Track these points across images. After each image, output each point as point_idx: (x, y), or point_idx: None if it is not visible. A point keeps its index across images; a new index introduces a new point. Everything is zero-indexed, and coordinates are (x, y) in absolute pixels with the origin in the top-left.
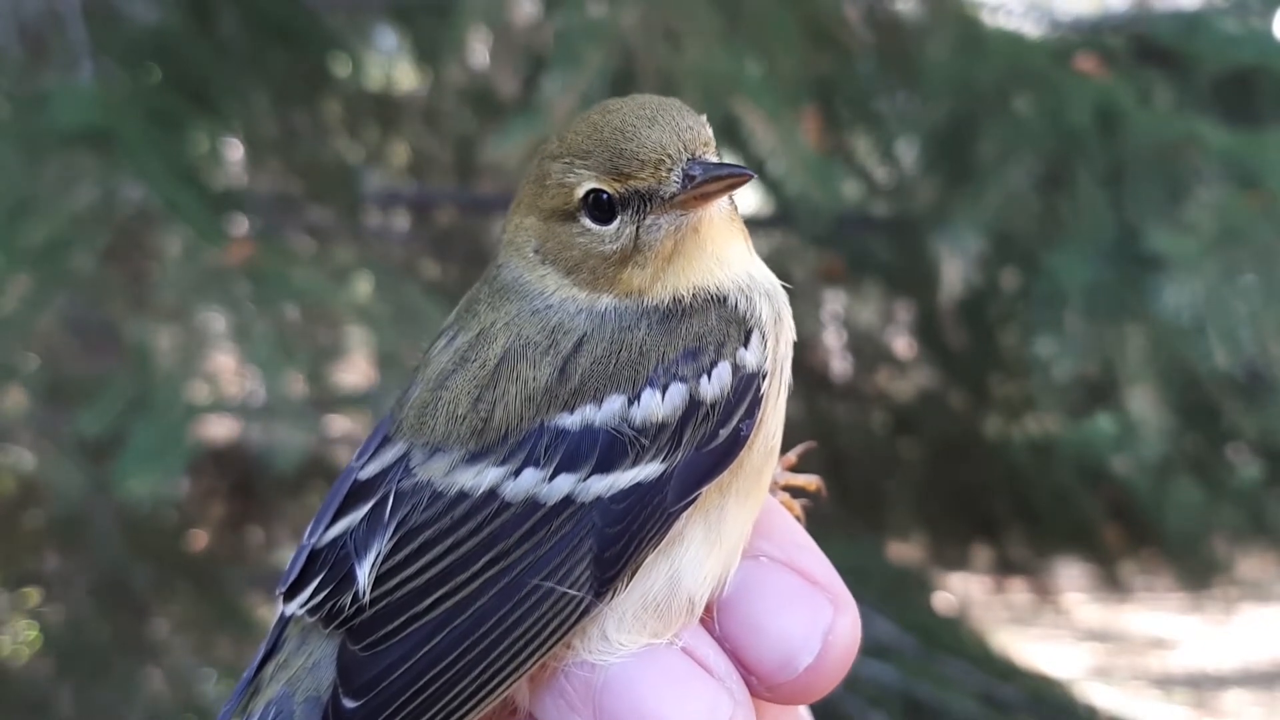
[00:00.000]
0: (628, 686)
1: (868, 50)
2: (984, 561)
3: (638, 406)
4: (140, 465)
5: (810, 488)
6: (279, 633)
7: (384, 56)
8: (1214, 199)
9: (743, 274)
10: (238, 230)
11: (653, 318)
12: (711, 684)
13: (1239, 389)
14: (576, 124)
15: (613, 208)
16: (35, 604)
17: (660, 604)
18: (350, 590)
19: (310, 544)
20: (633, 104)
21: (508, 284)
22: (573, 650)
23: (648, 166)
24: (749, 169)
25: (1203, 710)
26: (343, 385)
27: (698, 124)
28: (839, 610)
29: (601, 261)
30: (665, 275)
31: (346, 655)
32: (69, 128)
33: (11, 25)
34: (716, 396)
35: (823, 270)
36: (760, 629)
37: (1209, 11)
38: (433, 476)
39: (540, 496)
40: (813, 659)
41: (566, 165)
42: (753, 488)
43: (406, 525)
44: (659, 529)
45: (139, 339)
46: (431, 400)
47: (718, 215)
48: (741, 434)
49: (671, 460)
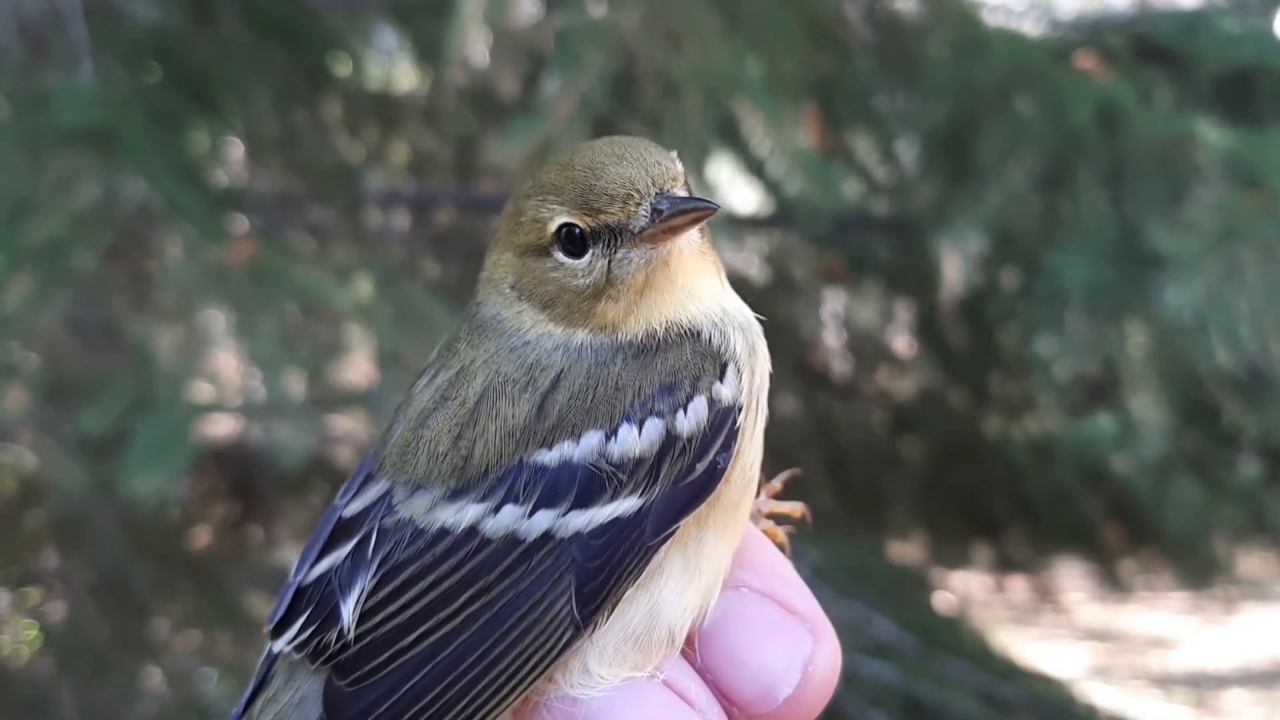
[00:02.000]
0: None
1: (868, 50)
2: (984, 561)
3: (615, 442)
4: (144, 464)
5: (795, 515)
6: (267, 668)
7: (384, 56)
8: (1215, 198)
9: (715, 307)
10: (239, 229)
11: (628, 353)
12: (692, 716)
13: (1240, 388)
14: (549, 164)
15: (584, 242)
16: (35, 604)
17: (641, 637)
18: (335, 627)
19: (296, 581)
20: (604, 143)
21: (486, 321)
22: (555, 684)
23: (616, 201)
24: (715, 203)
25: (1203, 710)
26: (344, 384)
27: (666, 160)
28: (819, 640)
29: (575, 296)
30: (638, 308)
31: (332, 691)
32: (70, 127)
33: (12, 25)
34: (693, 431)
35: (823, 270)
36: (740, 660)
37: (1209, 11)
38: (414, 514)
39: (520, 533)
40: (793, 689)
41: (540, 202)
42: (730, 519)
43: (389, 562)
44: (638, 562)
45: (140, 338)
46: (413, 439)
47: (687, 248)
48: (718, 467)
49: (649, 495)
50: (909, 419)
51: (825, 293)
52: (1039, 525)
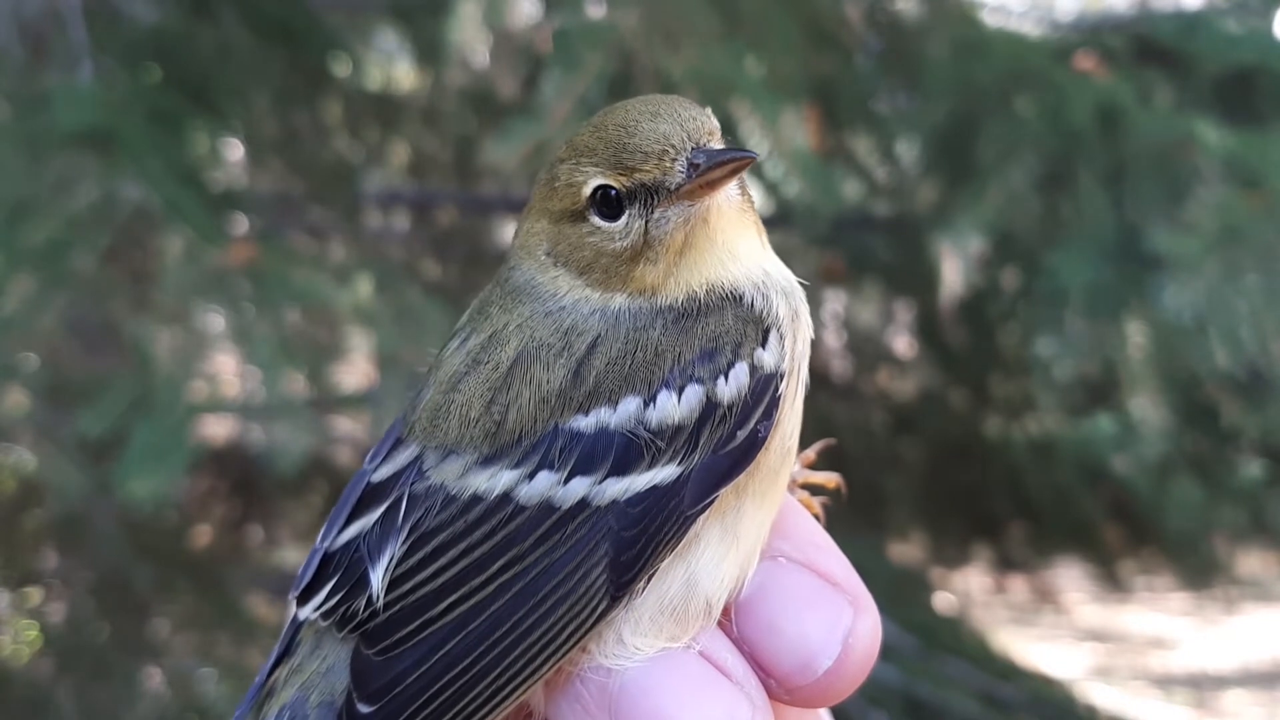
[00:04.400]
0: (644, 691)
1: (868, 50)
2: (984, 561)
3: (653, 408)
4: (142, 467)
5: (830, 485)
6: (292, 636)
7: (384, 56)
8: (1215, 199)
9: (757, 270)
10: (238, 230)
11: (668, 317)
12: (729, 688)
13: (1240, 389)
14: (583, 127)
15: (620, 203)
16: (35, 604)
17: (677, 607)
18: (364, 594)
19: (324, 547)
20: (637, 102)
21: (520, 286)
22: (589, 655)
23: (651, 158)
24: (753, 151)
25: (1203, 710)
26: (343, 385)
27: (701, 115)
28: (859, 612)
29: (613, 260)
30: (678, 270)
31: (361, 659)
32: (69, 128)
33: (11, 25)
34: (734, 398)
35: (823, 270)
36: (779, 631)
37: (1209, 11)
38: (446, 480)
39: (555, 500)
40: (832, 662)
41: (573, 165)
42: (770, 488)
43: (420, 529)
44: (675, 532)
45: (140, 340)
46: (444, 403)
47: (727, 205)
48: (759, 435)
49: (688, 462)
50: (909, 419)
51: (825, 293)
52: (1039, 525)
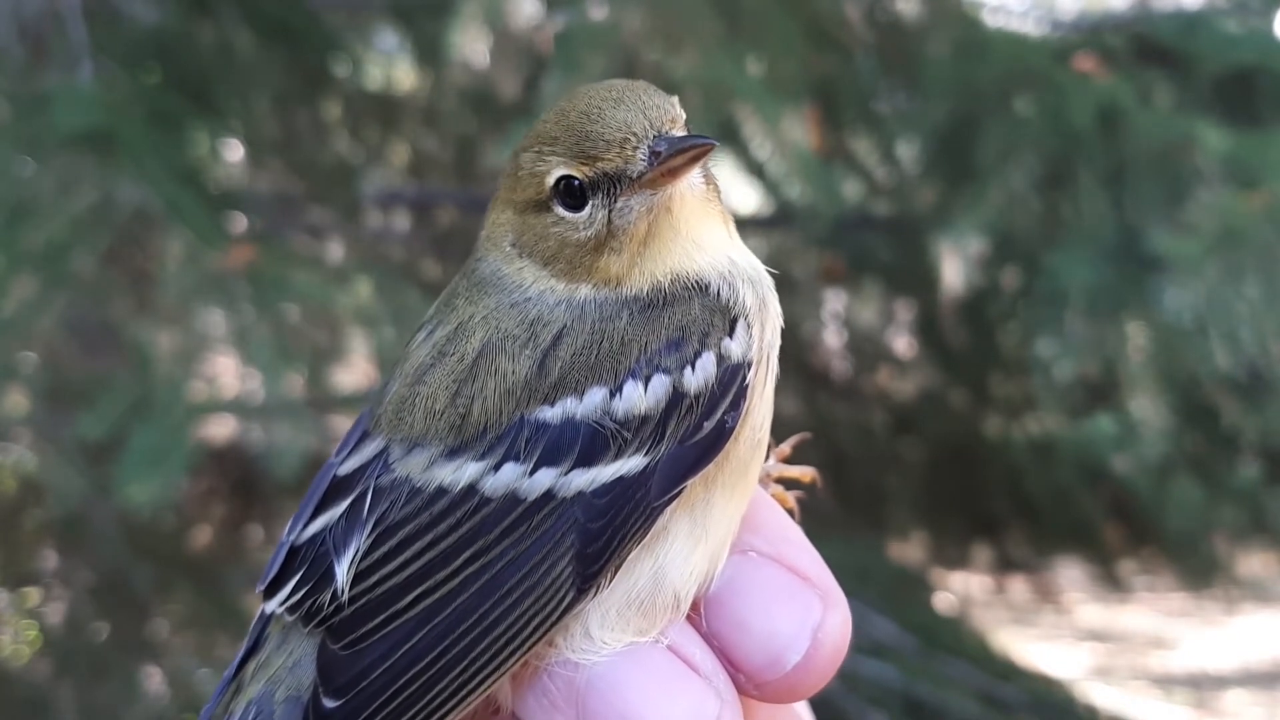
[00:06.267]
0: (612, 686)
1: (868, 51)
2: (984, 561)
3: (620, 399)
4: (141, 470)
5: (805, 479)
6: (260, 631)
7: (384, 56)
8: (1215, 199)
9: (723, 259)
10: (238, 230)
11: (634, 308)
12: (698, 683)
13: (1240, 389)
14: (546, 113)
15: (584, 193)
16: (35, 604)
17: (645, 601)
18: (329, 588)
19: (290, 540)
20: (600, 87)
21: (486, 277)
22: (556, 648)
23: (613, 147)
24: (712, 139)
25: (1203, 710)
26: (343, 386)
27: (665, 102)
28: (829, 607)
29: (577, 250)
30: (642, 260)
31: (326, 654)
32: (69, 129)
33: (11, 25)
34: (701, 388)
35: (823, 270)
36: (747, 626)
37: (1209, 11)
38: (411, 472)
39: (521, 491)
40: (801, 657)
41: (536, 154)
42: (739, 481)
43: (385, 522)
44: (643, 524)
45: (140, 341)
46: (410, 395)
47: (690, 194)
48: (727, 426)
49: (655, 453)
50: (909, 419)
51: (826, 293)
52: (1039, 525)
